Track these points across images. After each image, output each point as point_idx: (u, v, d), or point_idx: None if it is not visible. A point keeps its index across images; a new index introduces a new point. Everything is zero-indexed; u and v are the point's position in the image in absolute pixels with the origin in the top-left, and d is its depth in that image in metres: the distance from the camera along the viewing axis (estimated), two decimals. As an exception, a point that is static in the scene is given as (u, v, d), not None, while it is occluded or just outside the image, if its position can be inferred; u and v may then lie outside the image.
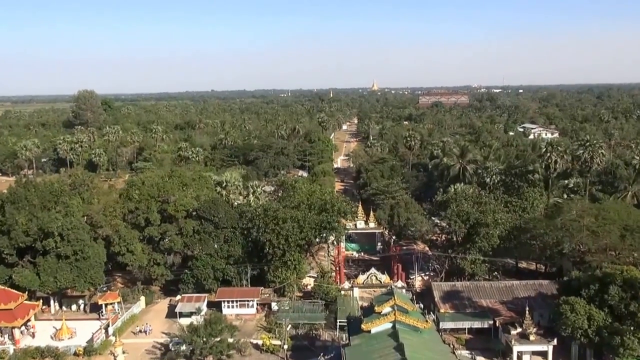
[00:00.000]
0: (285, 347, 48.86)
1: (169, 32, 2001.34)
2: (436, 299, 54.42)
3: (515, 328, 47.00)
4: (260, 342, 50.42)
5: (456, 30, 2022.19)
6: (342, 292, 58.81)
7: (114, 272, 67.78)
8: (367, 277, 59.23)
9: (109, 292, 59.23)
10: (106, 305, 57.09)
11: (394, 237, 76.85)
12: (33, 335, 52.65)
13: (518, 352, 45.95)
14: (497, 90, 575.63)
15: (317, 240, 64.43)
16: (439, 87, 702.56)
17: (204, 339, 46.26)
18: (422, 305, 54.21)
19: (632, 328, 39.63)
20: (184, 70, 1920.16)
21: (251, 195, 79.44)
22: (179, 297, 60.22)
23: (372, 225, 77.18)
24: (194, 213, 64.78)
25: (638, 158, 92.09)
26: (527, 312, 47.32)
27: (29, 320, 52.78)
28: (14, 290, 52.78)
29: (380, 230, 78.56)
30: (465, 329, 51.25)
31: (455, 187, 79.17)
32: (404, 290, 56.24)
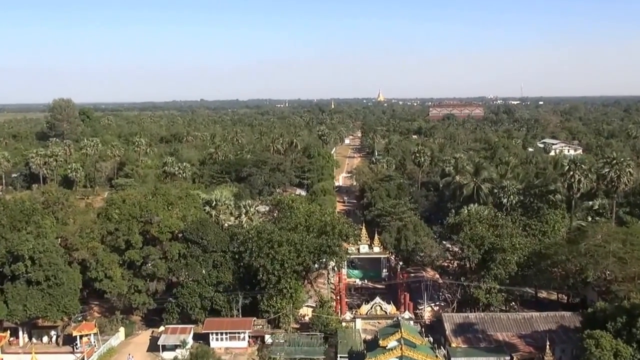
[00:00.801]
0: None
1: (153, 36, 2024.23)
2: (447, 332, 54.29)
3: (535, 365, 46.88)
4: (251, 379, 50.14)
5: (470, 37, 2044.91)
6: (344, 324, 58.63)
7: (90, 300, 67.57)
8: (371, 307, 59.08)
9: (84, 322, 59.02)
10: (81, 337, 56.85)
11: (401, 263, 76.70)
12: (-1, 370, 52.39)
13: (538, 391, 45.77)
14: (515, 102, 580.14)
15: (315, 266, 64.39)
16: (451, 98, 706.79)
17: (190, 375, 46.06)
18: (431, 339, 53.98)
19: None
20: (170, 77, 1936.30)
21: (243, 215, 79.49)
22: (162, 328, 59.97)
23: (376, 249, 77.16)
24: (180, 235, 64.77)
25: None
26: (547, 347, 47.20)
27: (-6, 353, 52.52)
28: (-22, 320, 52.61)
29: (385, 256, 78.49)
30: (479, 365, 50.98)
31: (469, 208, 79.32)
32: (411, 322, 56.12)
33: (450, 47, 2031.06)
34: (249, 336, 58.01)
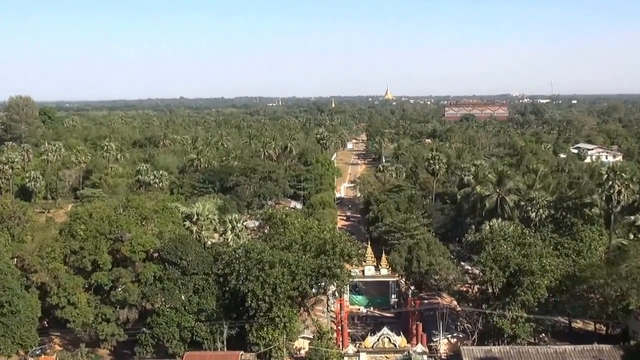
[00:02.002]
0: None
1: (125, 24, 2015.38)
2: (467, 369, 54.04)
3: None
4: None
5: (492, 26, 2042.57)
6: (346, 358, 58.37)
7: (50, 330, 67.28)
8: (378, 339, 58.85)
9: (43, 356, 58.75)
10: (39, 373, 56.56)
11: (412, 288, 76.55)
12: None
13: None
14: (544, 101, 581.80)
15: (313, 290, 64.12)
16: (470, 96, 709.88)
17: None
18: (448, 377, 53.83)
19: None
20: (145, 72, 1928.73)
21: (229, 232, 79.39)
22: (134, 363, 59.71)
23: (384, 272, 77.08)
24: (156, 255, 64.66)
25: None
26: (584, 386, 46.98)
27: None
28: None
29: (394, 279, 78.39)
30: (504, 407, 50.80)
31: (492, 223, 79.33)
32: (425, 357, 55.89)
33: (469, 37, 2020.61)
34: (236, 373, 57.68)
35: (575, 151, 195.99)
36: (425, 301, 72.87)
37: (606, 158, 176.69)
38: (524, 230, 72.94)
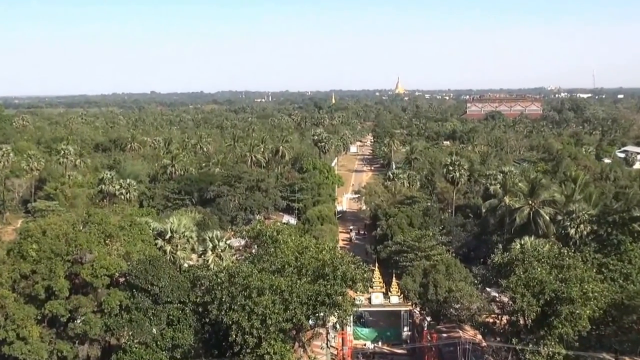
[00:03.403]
0: None
1: (83, 5, 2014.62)
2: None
3: None
4: None
5: (520, 7, 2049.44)
6: (349, 404, 58.28)
7: (-5, 370, 67.10)
8: (388, 381, 58.78)
9: (-13, 402, 58.47)
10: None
11: (428, 319, 76.58)
12: None
13: None
14: (585, 96, 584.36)
15: (310, 322, 64.07)
16: (497, 89, 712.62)
17: None
18: None
19: None
20: (108, 62, 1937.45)
21: (210, 252, 79.37)
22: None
23: (394, 300, 77.00)
24: (122, 280, 64.48)
25: None
26: None
27: None
28: None
29: (407, 308, 78.28)
30: None
31: (523, 241, 79.29)
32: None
33: (495, 20, 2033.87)
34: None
35: (622, 155, 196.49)
36: (444, 335, 72.74)
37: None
38: (561, 250, 72.79)
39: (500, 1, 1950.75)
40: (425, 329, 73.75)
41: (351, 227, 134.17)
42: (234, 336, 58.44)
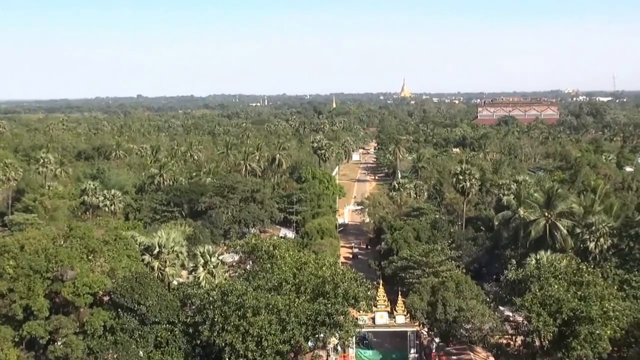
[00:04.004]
0: None
1: (66, 6, 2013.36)
2: None
3: None
4: None
5: (534, 6, 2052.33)
6: None
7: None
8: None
9: None
10: None
11: (437, 340, 76.47)
12: None
13: None
14: (605, 99, 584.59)
15: (309, 344, 64.01)
16: (510, 92, 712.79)
17: None
18: None
19: None
20: (92, 65, 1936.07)
21: (201, 268, 79.26)
22: None
23: (400, 319, 76.80)
24: (106, 298, 64.38)
25: None
26: None
27: None
28: None
29: (414, 329, 78.03)
30: None
31: (539, 256, 79.22)
32: None
33: (507, 18, 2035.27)
34: None
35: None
36: (454, 357, 72.74)
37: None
38: (580, 266, 72.85)
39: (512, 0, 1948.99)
40: (434, 351, 73.62)
41: (353, 245, 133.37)
42: (228, 359, 58.39)
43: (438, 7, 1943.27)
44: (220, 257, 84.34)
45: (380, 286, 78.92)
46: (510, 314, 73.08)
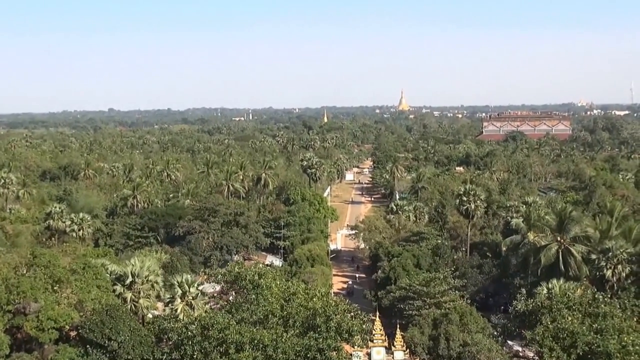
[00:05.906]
0: None
1: (30, 13, 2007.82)
2: None
3: None
4: None
5: (544, 9, 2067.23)
6: None
7: None
8: None
9: None
10: None
11: (440, 378, 76.01)
12: None
13: None
14: (621, 113, 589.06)
15: (299, 383, 63.70)
16: (518, 106, 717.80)
17: None
18: None
19: None
20: (59, 76, 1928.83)
21: (179, 300, 78.95)
22: None
23: (399, 355, 76.64)
24: (74, 333, 64.00)
25: None
26: None
27: None
28: None
29: (415, 366, 77.98)
30: None
31: (551, 285, 79.31)
32: None
33: (515, 24, 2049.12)
34: None
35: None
36: (459, 397, 72.37)
37: None
38: (596, 295, 72.95)
39: (521, 4, 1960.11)
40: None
41: (347, 279, 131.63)
42: (208, 400, 58.01)
43: (439, 13, 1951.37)
44: (200, 287, 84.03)
45: (377, 319, 78.86)
46: (520, 348, 73.00)
